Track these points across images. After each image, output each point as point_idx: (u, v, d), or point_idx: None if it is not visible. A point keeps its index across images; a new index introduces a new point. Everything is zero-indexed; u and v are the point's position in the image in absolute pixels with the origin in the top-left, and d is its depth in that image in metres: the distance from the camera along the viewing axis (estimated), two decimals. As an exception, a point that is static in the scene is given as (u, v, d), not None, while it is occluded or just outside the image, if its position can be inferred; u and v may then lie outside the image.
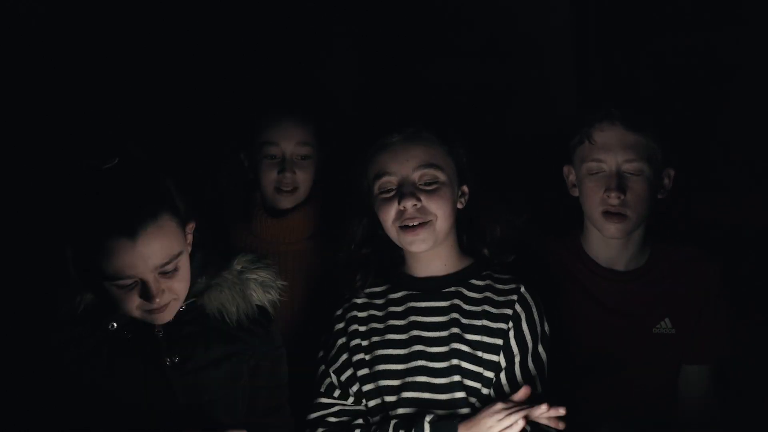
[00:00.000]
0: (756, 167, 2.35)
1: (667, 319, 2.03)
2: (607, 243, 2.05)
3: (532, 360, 1.88)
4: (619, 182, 1.96)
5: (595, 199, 1.99)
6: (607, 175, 1.98)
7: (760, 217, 2.28)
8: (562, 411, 1.73)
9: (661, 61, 2.51)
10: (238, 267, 1.85)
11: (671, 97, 2.49)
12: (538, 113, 2.53)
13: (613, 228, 1.98)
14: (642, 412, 2.00)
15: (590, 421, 1.98)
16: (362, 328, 1.95)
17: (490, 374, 1.86)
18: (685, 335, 2.02)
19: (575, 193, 2.09)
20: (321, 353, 1.99)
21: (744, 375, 2.11)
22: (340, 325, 1.98)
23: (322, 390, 1.94)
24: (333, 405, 1.92)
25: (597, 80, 2.54)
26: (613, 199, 1.95)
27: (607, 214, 1.98)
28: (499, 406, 1.77)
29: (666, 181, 2.05)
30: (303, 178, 2.27)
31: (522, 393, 1.79)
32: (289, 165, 2.25)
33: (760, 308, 2.17)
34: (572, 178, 2.09)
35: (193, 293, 1.78)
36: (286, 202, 2.28)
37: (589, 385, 2.03)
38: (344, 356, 1.94)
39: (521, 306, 1.90)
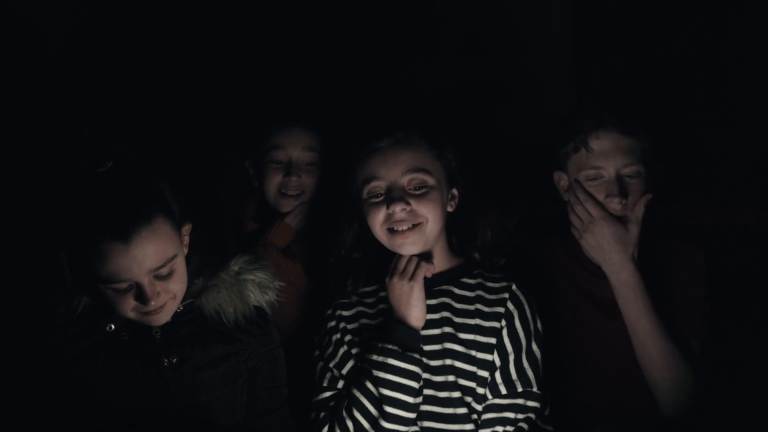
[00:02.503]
0: (754, 167, 2.35)
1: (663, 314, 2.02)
2: None
3: (527, 358, 1.87)
4: (621, 187, 1.96)
5: None
6: (607, 181, 1.98)
7: (759, 218, 2.28)
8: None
9: (659, 62, 2.50)
10: (236, 268, 1.87)
11: (668, 97, 2.48)
12: (535, 114, 2.52)
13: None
14: (641, 409, 2.00)
15: (588, 420, 1.98)
16: (351, 326, 1.96)
17: (484, 373, 1.86)
18: (679, 314, 2.01)
19: (568, 197, 2.09)
20: (316, 352, 1.99)
21: (744, 375, 2.10)
22: (332, 323, 1.99)
23: (325, 384, 1.94)
24: (336, 394, 1.92)
25: (595, 81, 2.53)
26: (616, 204, 1.96)
27: None
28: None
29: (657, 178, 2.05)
30: (308, 183, 2.27)
31: None
32: (295, 169, 2.25)
33: (759, 308, 2.17)
34: (564, 183, 2.10)
35: (190, 294, 1.80)
36: (288, 207, 2.28)
37: (588, 383, 2.03)
38: (343, 349, 1.95)
39: (513, 304, 1.90)
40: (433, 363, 1.87)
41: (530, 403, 1.85)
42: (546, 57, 2.55)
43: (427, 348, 1.88)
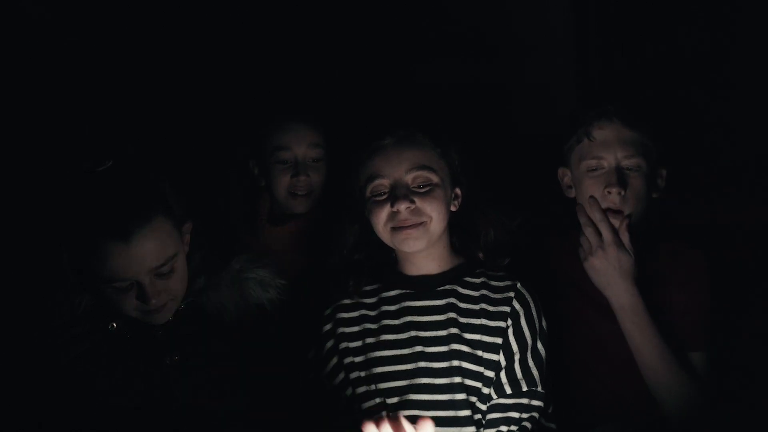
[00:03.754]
0: (754, 167, 2.35)
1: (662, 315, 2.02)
2: None
3: (532, 357, 1.86)
4: (620, 177, 1.97)
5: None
6: (607, 172, 1.99)
7: (758, 216, 2.27)
8: None
9: (661, 61, 2.50)
10: (237, 266, 1.87)
11: (670, 96, 2.48)
12: (537, 113, 2.52)
13: (615, 222, 1.97)
14: (641, 409, 2.00)
15: (588, 420, 1.98)
16: (350, 330, 1.94)
17: (490, 373, 1.85)
18: (679, 327, 2.01)
19: (571, 194, 2.09)
20: (310, 354, 1.96)
21: (743, 374, 2.10)
22: (328, 327, 1.96)
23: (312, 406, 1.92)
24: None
25: (597, 80, 2.52)
26: (615, 194, 1.96)
27: (608, 211, 1.97)
28: None
29: (659, 180, 2.05)
30: (317, 180, 2.26)
31: None
32: (303, 168, 2.24)
33: (759, 307, 2.17)
34: (567, 180, 2.10)
35: (192, 293, 1.80)
36: (300, 206, 2.27)
37: (588, 384, 2.03)
38: (334, 360, 1.93)
39: (519, 303, 1.89)
40: (440, 365, 1.86)
41: (534, 403, 1.84)
42: (548, 57, 2.55)
43: (433, 350, 1.87)
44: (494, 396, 1.84)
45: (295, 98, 2.41)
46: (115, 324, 1.73)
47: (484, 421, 1.83)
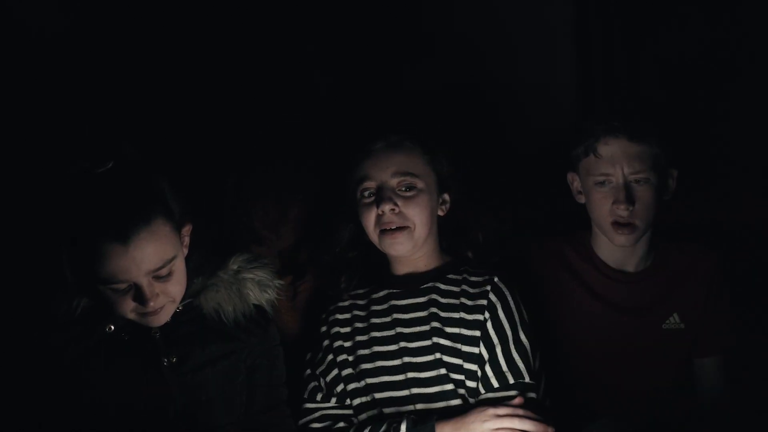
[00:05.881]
0: (756, 167, 2.35)
1: (675, 315, 2.04)
2: (617, 247, 2.06)
3: (515, 348, 1.89)
4: (628, 194, 1.97)
5: (603, 211, 2.01)
6: (615, 187, 1.99)
7: (760, 217, 2.27)
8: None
9: (662, 62, 2.49)
10: (234, 267, 1.87)
11: (672, 97, 2.48)
12: (538, 116, 2.52)
13: (623, 238, 2.00)
14: (649, 409, 2.01)
15: (587, 418, 1.98)
16: (344, 330, 2.00)
17: (471, 366, 1.88)
18: (694, 329, 2.03)
19: (581, 200, 2.10)
20: (309, 355, 2.02)
21: (745, 369, 2.10)
22: (324, 328, 2.02)
23: (306, 396, 1.98)
24: (316, 410, 1.96)
25: (598, 82, 2.52)
26: (623, 211, 1.97)
27: (617, 224, 1.99)
28: (490, 412, 1.79)
29: (670, 182, 2.06)
30: None
31: (516, 402, 1.83)
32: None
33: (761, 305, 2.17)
34: (577, 185, 2.11)
35: (189, 293, 1.80)
36: None
37: (588, 383, 2.04)
38: (329, 357, 1.98)
39: (496, 295, 1.92)
40: (424, 359, 1.91)
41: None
42: (547, 62, 2.55)
43: (416, 345, 1.92)
44: (482, 390, 1.87)
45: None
46: (113, 326, 1.72)
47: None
